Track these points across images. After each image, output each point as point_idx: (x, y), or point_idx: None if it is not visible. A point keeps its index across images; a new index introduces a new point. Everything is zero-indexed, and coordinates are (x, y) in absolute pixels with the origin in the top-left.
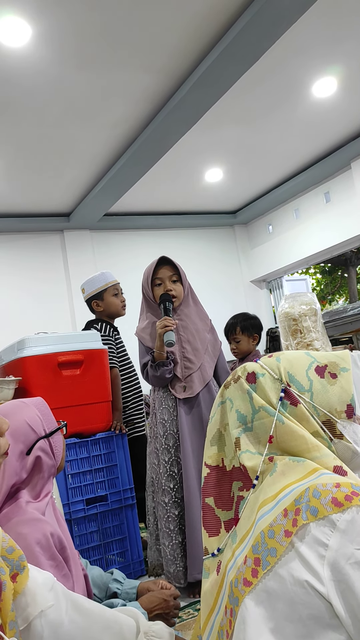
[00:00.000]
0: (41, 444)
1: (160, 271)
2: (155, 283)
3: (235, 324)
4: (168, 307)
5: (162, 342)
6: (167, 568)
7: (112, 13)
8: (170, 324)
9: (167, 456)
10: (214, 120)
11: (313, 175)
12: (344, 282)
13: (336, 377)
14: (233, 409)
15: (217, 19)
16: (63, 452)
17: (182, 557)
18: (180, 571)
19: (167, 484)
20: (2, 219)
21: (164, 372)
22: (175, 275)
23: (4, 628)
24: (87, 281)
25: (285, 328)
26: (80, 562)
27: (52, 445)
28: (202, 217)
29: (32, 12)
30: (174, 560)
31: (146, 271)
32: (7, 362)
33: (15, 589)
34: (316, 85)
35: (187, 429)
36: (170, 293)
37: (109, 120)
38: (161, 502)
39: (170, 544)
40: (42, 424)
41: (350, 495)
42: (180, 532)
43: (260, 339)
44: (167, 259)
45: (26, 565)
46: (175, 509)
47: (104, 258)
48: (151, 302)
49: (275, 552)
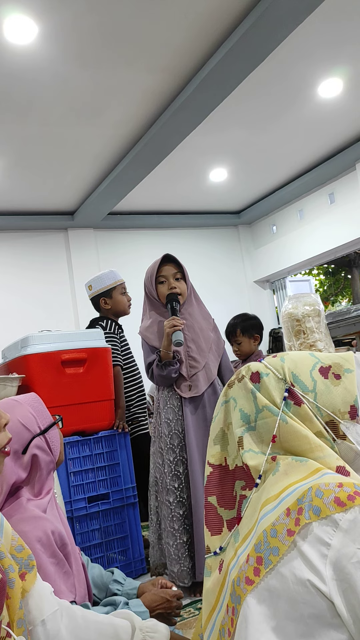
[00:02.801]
0: (37, 442)
1: (164, 269)
2: (159, 280)
3: (235, 325)
4: (175, 307)
5: (170, 342)
6: (171, 567)
7: (117, 13)
8: (178, 324)
9: (172, 456)
10: (218, 121)
11: (317, 176)
12: (347, 284)
13: (340, 378)
14: (237, 408)
15: (223, 19)
16: (61, 446)
17: (186, 557)
18: (185, 571)
19: (172, 483)
20: (7, 216)
21: (171, 371)
22: (178, 273)
23: (11, 625)
24: (94, 278)
25: (288, 329)
26: (81, 559)
27: (49, 441)
28: (206, 217)
29: (38, 10)
30: (179, 560)
31: (149, 269)
32: (10, 359)
33: (24, 587)
34: (321, 86)
35: (193, 428)
36: (174, 291)
37: (114, 119)
38: (165, 502)
39: (174, 544)
40: (36, 421)
41: (353, 495)
42: (184, 531)
43: (261, 339)
44: (171, 256)
45: (34, 565)
46: (179, 508)
47: (108, 257)
48: (155, 301)
49: (278, 551)
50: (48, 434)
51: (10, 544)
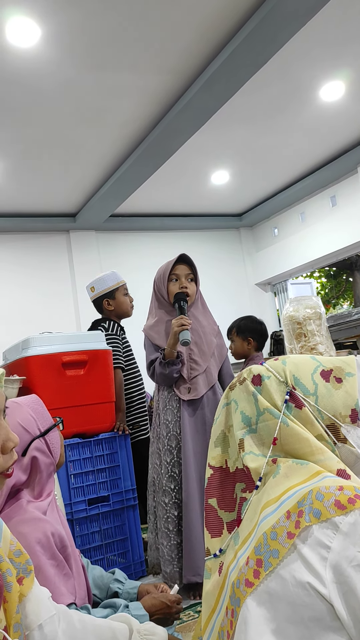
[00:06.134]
0: (36, 444)
1: (178, 268)
2: (171, 279)
3: (234, 323)
4: (183, 306)
5: (177, 340)
6: (164, 568)
7: (120, 14)
8: (187, 323)
9: (169, 457)
10: (221, 123)
11: (319, 179)
12: (348, 286)
13: (341, 382)
14: (238, 411)
15: (227, 21)
16: (61, 448)
17: (179, 558)
18: (177, 572)
19: (168, 484)
20: (9, 218)
21: (173, 370)
22: (191, 274)
23: (8, 629)
24: (96, 280)
25: (289, 331)
26: (81, 561)
27: (49, 443)
28: (207, 219)
29: (41, 12)
30: (171, 561)
31: (163, 267)
32: (11, 361)
33: (21, 592)
34: (324, 89)
35: (190, 430)
36: (185, 291)
37: (116, 120)
38: (161, 503)
39: (168, 544)
40: (36, 423)
41: (354, 498)
42: (178, 533)
43: (260, 345)
44: (186, 257)
45: (32, 570)
46: (175, 509)
47: (110, 259)
48: (162, 300)
49: (278, 554)
50: (48, 436)
51: (8, 548)
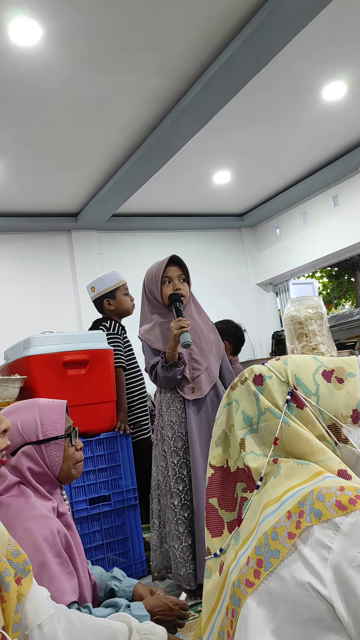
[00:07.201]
0: (26, 450)
1: (170, 270)
2: (163, 281)
3: None
4: (180, 308)
5: (177, 343)
6: (176, 571)
7: (122, 14)
8: (186, 325)
9: (176, 458)
10: (222, 123)
11: (321, 179)
12: (350, 287)
13: (343, 382)
14: (239, 411)
15: (228, 22)
16: (68, 464)
17: (192, 560)
18: (191, 573)
19: (177, 486)
20: (10, 218)
21: (176, 372)
22: (183, 275)
23: (7, 629)
24: (96, 280)
25: (290, 331)
26: (88, 569)
27: (45, 454)
28: (209, 219)
29: (43, 12)
30: (184, 563)
31: (154, 270)
32: (12, 360)
33: (19, 592)
34: (325, 89)
35: (196, 430)
36: (179, 292)
37: (118, 121)
38: (170, 505)
39: (180, 547)
40: (38, 430)
41: (354, 499)
42: (189, 534)
43: (235, 348)
44: (177, 258)
45: (30, 570)
46: (184, 511)
47: (111, 258)
48: (156, 303)
49: (278, 554)
50: (47, 447)
51: (6, 548)
